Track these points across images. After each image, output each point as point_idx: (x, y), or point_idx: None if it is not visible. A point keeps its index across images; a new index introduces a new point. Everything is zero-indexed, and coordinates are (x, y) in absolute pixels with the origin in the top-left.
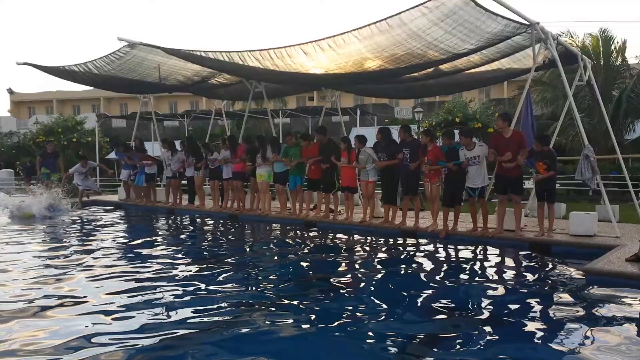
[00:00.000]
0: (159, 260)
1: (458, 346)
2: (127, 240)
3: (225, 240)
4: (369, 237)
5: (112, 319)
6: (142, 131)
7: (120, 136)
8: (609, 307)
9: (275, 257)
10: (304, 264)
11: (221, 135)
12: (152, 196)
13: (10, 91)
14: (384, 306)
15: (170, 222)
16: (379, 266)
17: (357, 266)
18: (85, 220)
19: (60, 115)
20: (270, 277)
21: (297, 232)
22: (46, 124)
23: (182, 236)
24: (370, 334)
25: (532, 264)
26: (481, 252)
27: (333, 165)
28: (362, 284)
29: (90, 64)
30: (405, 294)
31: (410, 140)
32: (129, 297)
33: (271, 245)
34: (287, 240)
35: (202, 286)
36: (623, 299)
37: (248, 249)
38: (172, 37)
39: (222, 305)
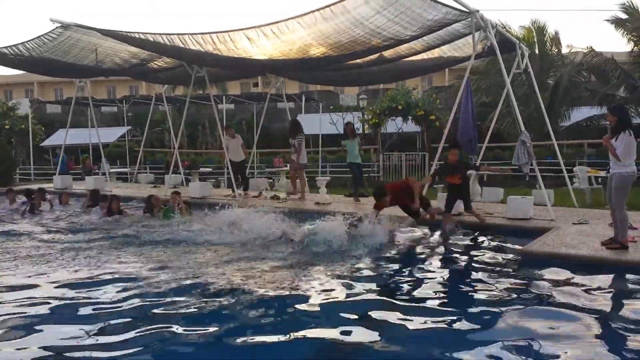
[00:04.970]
0: None
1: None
2: None
3: None
4: None
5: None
6: (78, 117)
7: (56, 122)
8: (543, 286)
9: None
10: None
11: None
12: None
13: None
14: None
15: None
16: None
17: None
18: None
19: None
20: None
21: None
22: None
23: None
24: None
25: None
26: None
27: None
28: None
29: (21, 46)
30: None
31: None
32: None
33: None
34: None
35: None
36: (556, 278)
37: None
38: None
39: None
